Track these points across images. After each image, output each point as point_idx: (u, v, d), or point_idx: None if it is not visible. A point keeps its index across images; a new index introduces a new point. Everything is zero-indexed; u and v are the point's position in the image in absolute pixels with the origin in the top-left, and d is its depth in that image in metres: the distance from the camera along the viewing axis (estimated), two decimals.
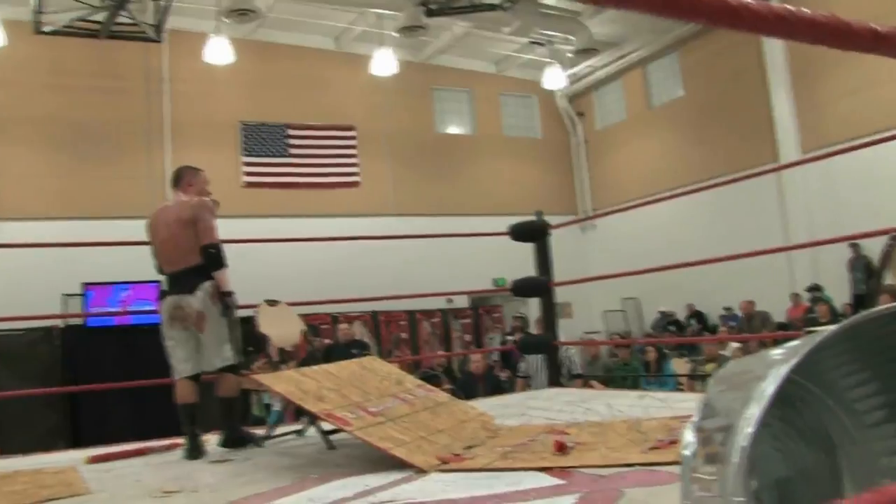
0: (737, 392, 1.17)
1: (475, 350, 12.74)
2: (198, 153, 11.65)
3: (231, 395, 4.11)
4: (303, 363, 8.66)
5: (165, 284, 4.16)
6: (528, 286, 6.25)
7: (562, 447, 2.94)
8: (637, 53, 15.77)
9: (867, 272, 11.42)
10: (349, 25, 14.56)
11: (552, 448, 2.96)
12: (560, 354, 6.35)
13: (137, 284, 11.20)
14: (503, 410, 4.41)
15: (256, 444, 3.99)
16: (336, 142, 15.04)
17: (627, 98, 16.88)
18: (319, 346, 10.75)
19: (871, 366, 1.28)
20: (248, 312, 4.52)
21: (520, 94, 17.36)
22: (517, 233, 6.27)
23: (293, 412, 6.26)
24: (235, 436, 4.04)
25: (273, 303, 4.37)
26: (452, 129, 16.90)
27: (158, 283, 4.21)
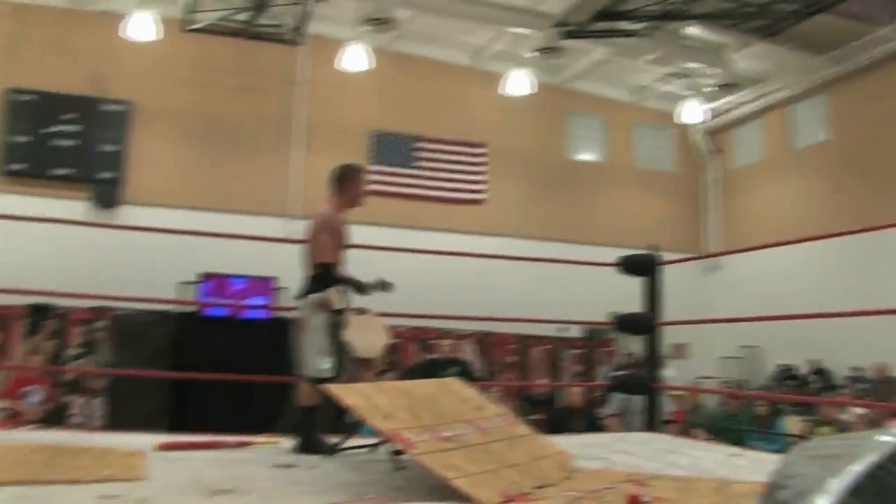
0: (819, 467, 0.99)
1: (571, 383, 12.39)
2: (327, 157, 11.76)
3: (307, 404, 4.17)
4: (403, 376, 8.64)
5: None
6: (633, 322, 6.03)
7: (635, 501, 2.70)
8: (782, 93, 15.00)
9: None
10: (486, 43, 14.56)
11: (626, 501, 2.72)
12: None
13: (253, 279, 11.54)
14: (586, 450, 4.18)
15: (328, 454, 3.95)
16: (465, 157, 15.04)
17: (766, 138, 16.10)
18: (420, 361, 10.72)
19: None
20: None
21: (654, 126, 16.87)
22: (628, 265, 6.06)
23: None
24: (308, 443, 4.06)
25: (362, 311, 4.30)
26: (583, 156, 16.59)
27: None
